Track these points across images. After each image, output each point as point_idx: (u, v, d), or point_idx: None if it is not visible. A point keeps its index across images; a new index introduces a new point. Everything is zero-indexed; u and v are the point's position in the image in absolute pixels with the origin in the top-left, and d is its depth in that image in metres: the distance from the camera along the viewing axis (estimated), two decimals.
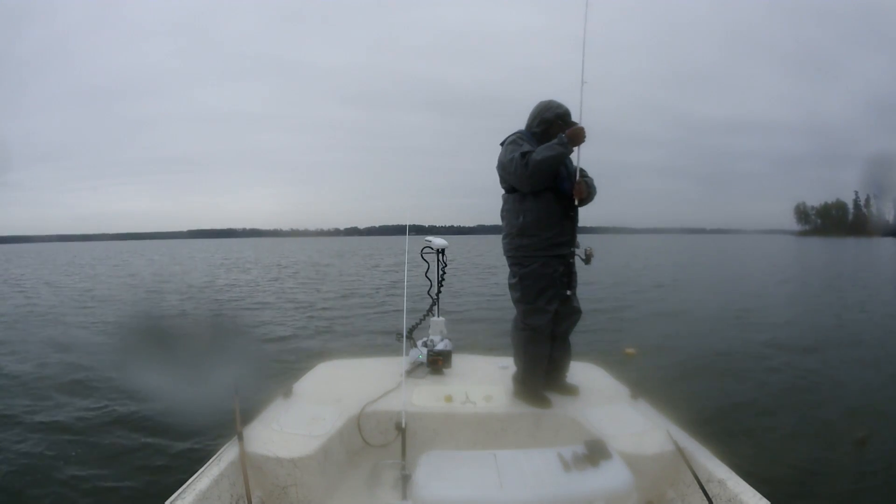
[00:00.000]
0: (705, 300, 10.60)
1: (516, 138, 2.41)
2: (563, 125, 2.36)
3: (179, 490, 1.63)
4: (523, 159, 2.30)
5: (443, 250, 3.08)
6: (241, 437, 1.90)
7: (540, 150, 2.28)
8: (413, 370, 2.72)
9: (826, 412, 4.15)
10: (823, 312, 9.21)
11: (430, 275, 3.13)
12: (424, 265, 3.12)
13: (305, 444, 1.95)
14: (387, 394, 2.36)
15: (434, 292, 3.13)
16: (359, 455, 2.17)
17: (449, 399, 2.36)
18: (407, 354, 2.68)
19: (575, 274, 2.45)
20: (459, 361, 2.83)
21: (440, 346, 2.81)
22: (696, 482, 1.70)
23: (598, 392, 2.46)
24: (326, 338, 7.31)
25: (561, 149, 2.25)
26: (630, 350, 5.30)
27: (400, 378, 2.43)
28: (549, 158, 2.25)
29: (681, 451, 1.86)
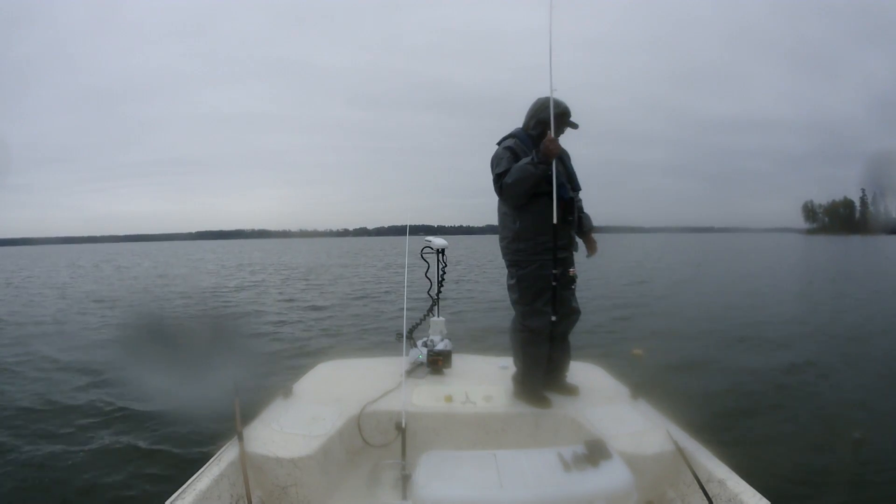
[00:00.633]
0: (711, 300, 10.52)
1: (505, 147, 2.36)
2: (559, 125, 2.31)
3: (179, 490, 1.63)
4: (497, 182, 2.31)
5: (443, 250, 3.07)
6: (241, 437, 1.90)
7: (513, 171, 2.25)
8: (413, 370, 2.71)
9: (827, 412, 4.14)
10: (828, 311, 9.16)
11: (431, 275, 3.13)
12: (439, 266, 3.12)
13: (305, 444, 1.95)
14: (387, 394, 2.36)
15: (434, 292, 3.13)
16: (359, 455, 2.17)
17: (449, 399, 2.36)
18: (407, 354, 2.68)
19: (573, 273, 2.44)
20: (459, 361, 2.83)
21: (440, 346, 2.81)
22: (696, 482, 1.70)
23: (598, 392, 2.46)
24: (326, 337, 7.31)
25: (532, 170, 2.20)
26: (637, 351, 5.28)
27: (400, 378, 2.43)
28: (521, 181, 2.23)
29: (681, 451, 1.86)
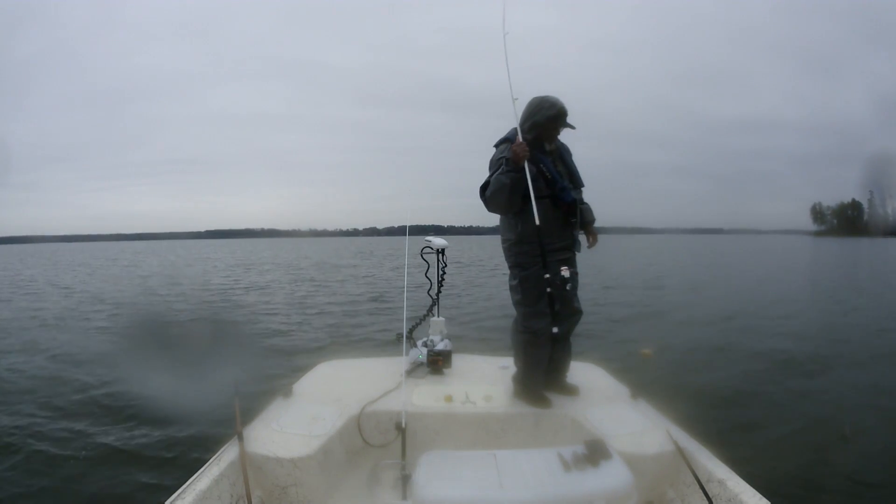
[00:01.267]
0: (717, 301, 10.47)
1: (497, 153, 2.34)
2: (554, 129, 2.30)
3: (179, 490, 1.63)
4: (483, 195, 2.31)
5: (442, 250, 3.07)
6: (241, 437, 1.90)
7: (491, 183, 2.26)
8: (413, 370, 2.71)
9: (828, 412, 4.14)
10: (832, 314, 9.13)
11: (431, 275, 3.13)
12: (439, 266, 3.12)
13: (305, 444, 1.95)
14: (387, 394, 2.36)
15: (434, 292, 3.13)
16: (359, 455, 2.17)
17: (449, 399, 2.36)
18: (407, 354, 2.68)
19: (576, 275, 2.43)
20: (459, 361, 2.83)
21: (440, 346, 2.81)
22: (696, 482, 1.70)
23: (598, 392, 2.46)
24: (326, 338, 7.31)
25: (505, 179, 2.20)
26: (647, 351, 5.27)
27: (400, 378, 2.43)
28: (498, 192, 2.23)
29: (681, 451, 1.85)
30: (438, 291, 3.12)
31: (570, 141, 2.48)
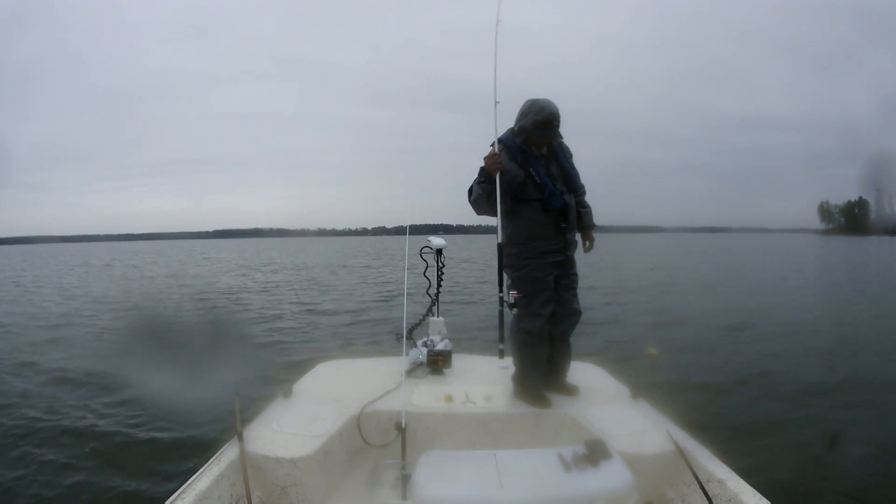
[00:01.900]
0: (726, 301, 10.35)
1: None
2: (540, 135, 2.28)
3: (179, 490, 1.63)
4: (469, 199, 2.35)
5: (440, 250, 3.08)
6: (241, 437, 1.90)
7: (473, 190, 2.31)
8: (413, 370, 2.71)
9: (828, 413, 4.14)
10: (836, 314, 9.06)
11: (430, 275, 3.13)
12: (438, 266, 3.12)
13: (305, 444, 1.95)
14: (387, 394, 2.36)
15: (433, 292, 3.13)
16: (359, 455, 2.17)
17: (449, 399, 2.36)
18: (407, 354, 2.68)
19: (574, 276, 2.43)
20: (459, 361, 2.83)
21: (440, 346, 2.81)
22: (696, 482, 1.70)
23: (598, 392, 2.46)
24: (328, 337, 7.31)
25: (480, 190, 2.25)
26: (653, 351, 5.24)
27: (400, 378, 2.43)
28: (477, 200, 2.29)
29: (681, 451, 1.86)
30: (437, 291, 3.12)
31: (577, 141, 2.46)
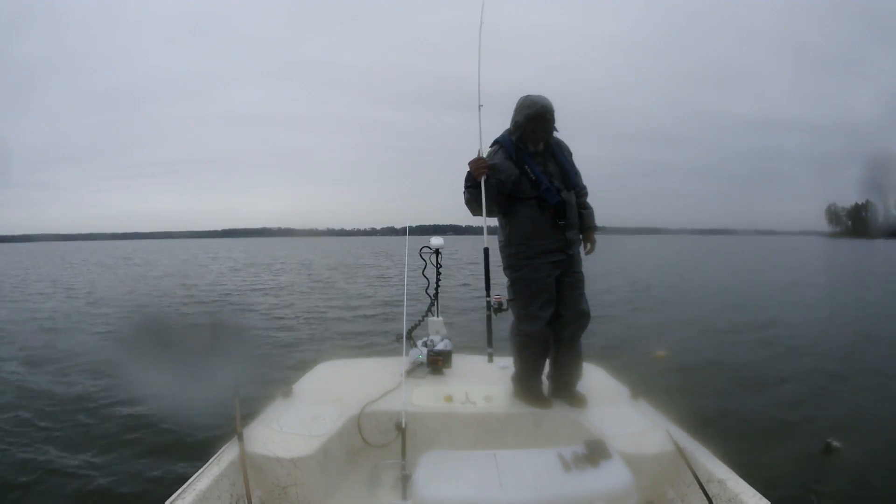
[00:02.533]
0: (726, 303, 10.34)
1: (492, 154, 2.31)
2: (534, 129, 2.24)
3: (179, 490, 1.63)
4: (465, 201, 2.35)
5: (438, 250, 3.08)
6: (241, 437, 1.90)
7: (464, 194, 2.31)
8: (413, 370, 2.71)
9: (829, 413, 4.14)
10: (840, 317, 9.05)
11: (429, 274, 3.13)
12: (437, 265, 3.12)
13: (305, 444, 1.95)
14: (387, 394, 2.36)
15: (432, 291, 3.13)
16: (359, 455, 2.17)
17: (449, 399, 2.36)
18: (407, 354, 2.68)
19: (579, 274, 2.36)
20: (459, 361, 2.83)
21: (440, 346, 2.81)
22: (696, 482, 1.70)
23: (598, 392, 2.45)
24: (328, 338, 7.31)
25: (468, 194, 2.26)
26: (661, 353, 5.21)
27: (400, 378, 2.43)
28: (468, 203, 2.29)
29: (681, 451, 1.86)
30: (436, 291, 3.12)
31: (583, 141, 2.45)
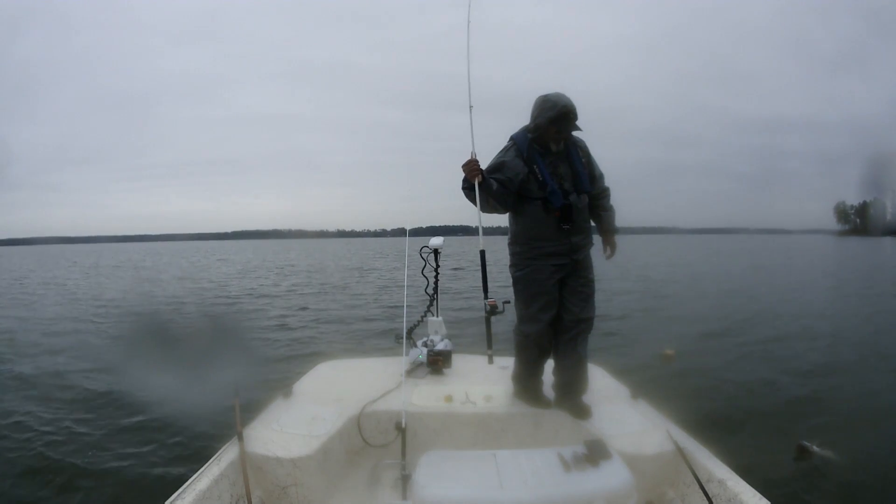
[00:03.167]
0: (730, 303, 10.20)
1: (496, 164, 2.28)
2: (558, 130, 2.18)
3: (179, 490, 1.63)
4: None
5: (436, 250, 3.08)
6: (241, 437, 1.90)
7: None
8: (413, 370, 2.72)
9: (829, 413, 4.13)
10: (846, 316, 8.98)
11: (428, 274, 3.13)
12: (437, 265, 3.12)
13: (305, 444, 1.95)
14: (387, 394, 2.36)
15: (430, 291, 3.13)
16: (359, 455, 2.17)
17: (449, 399, 2.36)
18: (407, 354, 2.69)
19: (584, 280, 2.29)
20: (459, 361, 2.83)
21: (440, 346, 2.81)
22: (696, 482, 1.70)
23: (598, 392, 2.45)
24: (328, 337, 7.31)
25: (465, 195, 2.24)
26: (669, 352, 5.16)
27: (400, 378, 2.43)
28: (470, 200, 2.25)
29: (681, 451, 1.86)
30: (435, 291, 3.12)
31: (591, 141, 2.35)
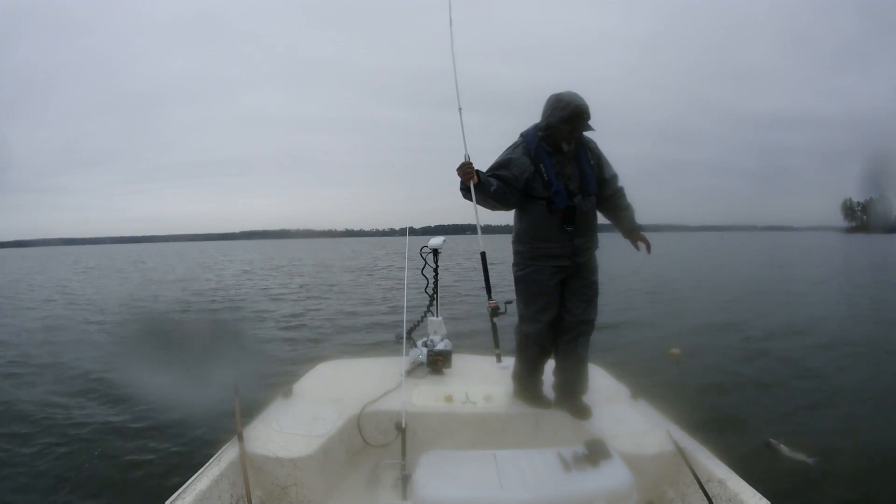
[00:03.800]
0: (734, 302, 10.10)
1: (501, 162, 2.27)
2: (572, 129, 2.14)
3: (179, 490, 1.63)
4: None
5: (436, 250, 3.08)
6: (241, 437, 1.91)
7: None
8: (413, 370, 2.71)
9: (830, 413, 4.13)
10: (851, 314, 8.93)
11: (428, 274, 3.13)
12: (436, 265, 3.12)
13: (305, 444, 1.95)
14: (387, 394, 2.36)
15: (430, 290, 3.13)
16: (359, 455, 2.17)
17: (449, 399, 2.36)
18: (407, 354, 2.68)
19: (586, 282, 2.27)
20: (459, 361, 2.83)
21: (440, 346, 2.81)
22: (696, 482, 1.71)
23: (598, 392, 2.45)
24: (328, 337, 7.31)
25: (463, 196, 2.23)
26: (675, 351, 5.10)
27: (400, 378, 2.43)
28: (469, 201, 2.24)
29: (681, 451, 1.86)
30: (434, 290, 3.12)
31: (599, 139, 2.31)
